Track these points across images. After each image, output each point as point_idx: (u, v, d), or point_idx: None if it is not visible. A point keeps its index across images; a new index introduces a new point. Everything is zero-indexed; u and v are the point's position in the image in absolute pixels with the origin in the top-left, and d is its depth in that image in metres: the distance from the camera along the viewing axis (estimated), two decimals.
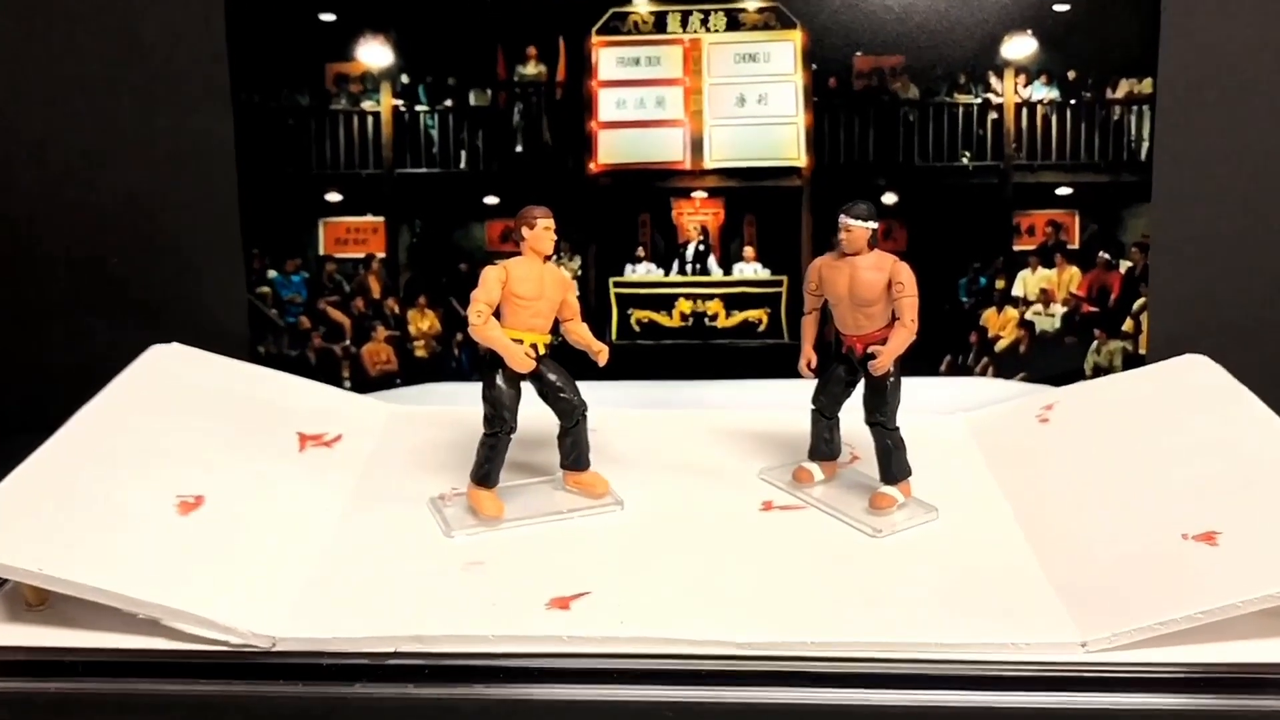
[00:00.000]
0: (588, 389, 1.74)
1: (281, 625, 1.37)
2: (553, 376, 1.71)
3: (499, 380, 1.66)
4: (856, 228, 1.65)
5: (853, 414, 1.76)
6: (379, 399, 2.36)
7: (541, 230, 1.71)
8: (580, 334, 1.81)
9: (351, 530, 1.68)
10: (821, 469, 1.90)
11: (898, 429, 1.77)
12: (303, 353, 2.53)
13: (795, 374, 1.80)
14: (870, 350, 1.70)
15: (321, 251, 2.52)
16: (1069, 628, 1.36)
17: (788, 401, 2.05)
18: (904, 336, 1.68)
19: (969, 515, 1.72)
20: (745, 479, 1.88)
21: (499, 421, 1.70)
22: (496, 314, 1.63)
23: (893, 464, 1.78)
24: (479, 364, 1.68)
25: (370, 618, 1.39)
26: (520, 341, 1.65)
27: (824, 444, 1.89)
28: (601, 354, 1.80)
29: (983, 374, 2.47)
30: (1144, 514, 1.57)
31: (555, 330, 1.71)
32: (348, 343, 2.53)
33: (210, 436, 1.82)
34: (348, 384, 2.51)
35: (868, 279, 1.64)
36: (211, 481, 1.67)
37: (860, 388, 1.73)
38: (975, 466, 2.00)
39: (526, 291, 1.68)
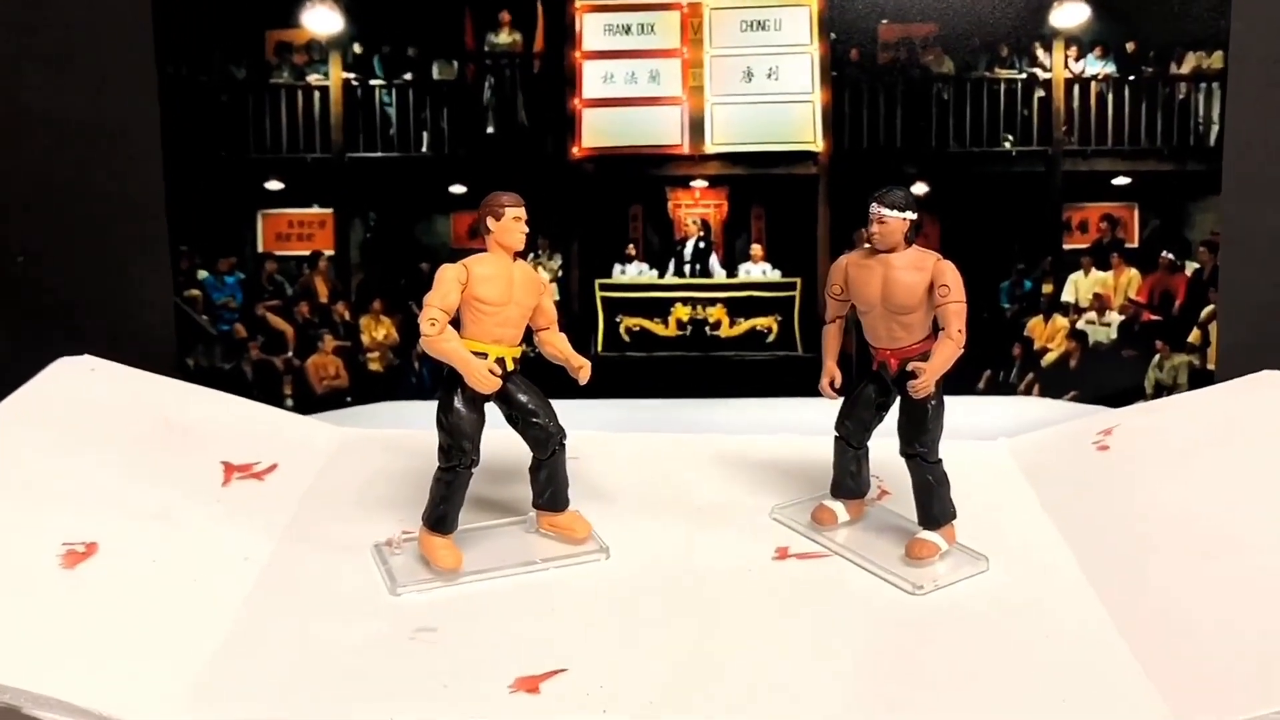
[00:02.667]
0: (567, 410, 1.65)
1: (179, 714, 1.24)
2: (523, 398, 1.60)
3: (457, 402, 1.54)
4: (892, 219, 1.53)
5: (881, 440, 1.69)
6: (325, 421, 2.25)
7: (510, 221, 1.55)
8: (558, 346, 1.67)
9: (275, 586, 1.56)
10: (846, 508, 1.77)
11: (940, 462, 1.63)
12: (238, 366, 2.42)
13: (814, 393, 1.71)
14: (910, 368, 1.56)
15: (260, 248, 2.42)
16: (1161, 713, 1.24)
17: (804, 425, 2.04)
18: (949, 351, 1.53)
19: (1025, 566, 1.62)
20: (755, 519, 1.79)
21: (457, 453, 1.55)
22: (455, 322, 1.52)
23: (934, 504, 1.63)
24: (441, 381, 1.55)
25: (291, 703, 1.27)
26: (484, 355, 1.52)
27: (849, 478, 1.75)
28: (583, 370, 1.65)
29: (1027, 392, 2.38)
30: (1232, 565, 1.48)
31: (528, 341, 1.61)
32: (290, 354, 2.43)
33: (113, 469, 1.72)
34: (290, 403, 2.40)
35: (905, 281, 1.53)
36: (108, 526, 1.56)
37: (894, 412, 1.63)
38: (1025, 504, 1.89)
39: (492, 295, 1.53)
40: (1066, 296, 2.34)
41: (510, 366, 1.58)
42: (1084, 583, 1.57)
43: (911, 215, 1.55)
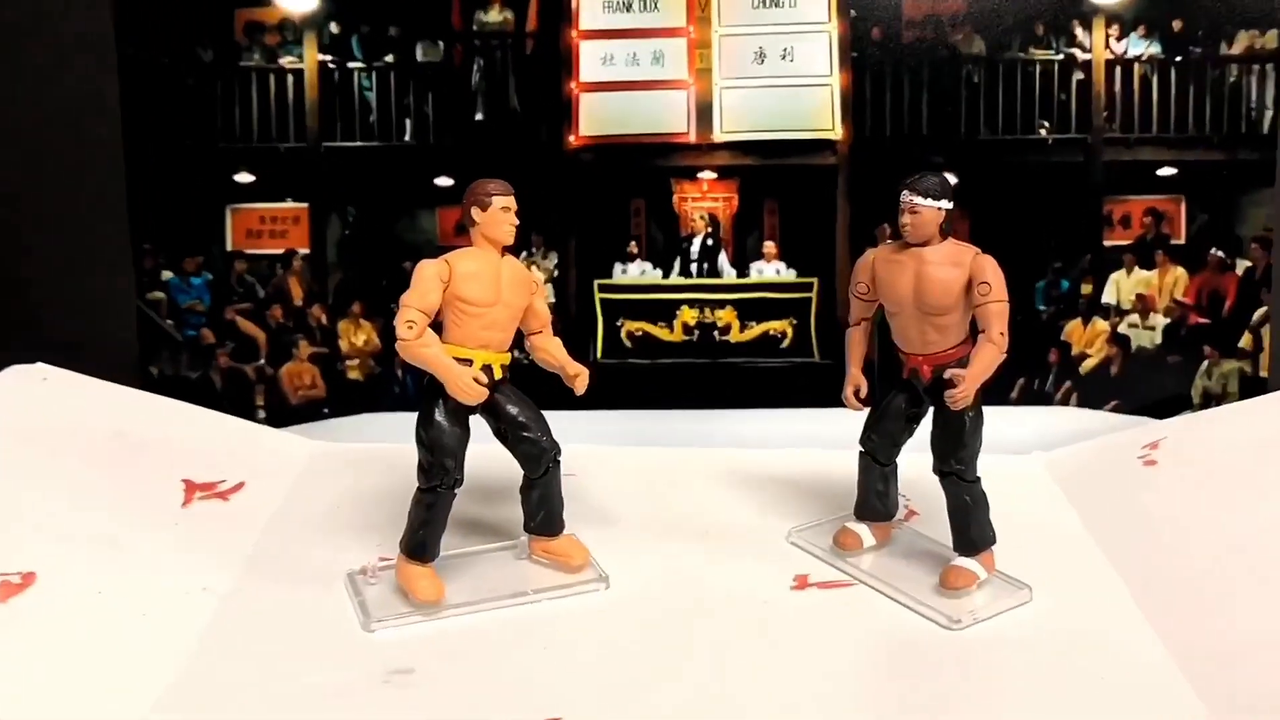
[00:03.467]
0: (563, 422, 1.59)
1: None
2: (513, 410, 1.53)
3: (438, 415, 1.47)
4: (925, 208, 1.46)
5: (909, 455, 1.66)
6: (299, 434, 2.21)
7: (498, 212, 1.48)
8: (551, 351, 1.60)
9: (235, 621, 1.50)
10: (872, 531, 1.70)
11: (978, 480, 1.56)
12: (205, 375, 2.37)
13: (833, 402, 1.67)
14: (948, 375, 1.49)
15: (229, 246, 2.38)
16: None
17: (824, 438, 2.02)
18: (991, 356, 1.47)
19: (1071, 595, 1.57)
20: (770, 544, 1.74)
21: (438, 472, 1.48)
22: (437, 325, 1.46)
23: (972, 527, 1.56)
24: (422, 391, 1.51)
25: None
26: (468, 362, 1.46)
27: (876, 498, 1.69)
28: (579, 378, 1.58)
29: (1064, 402, 2.33)
30: None
31: (519, 347, 1.56)
32: (262, 362, 2.38)
33: (59, 490, 1.67)
34: (261, 415, 2.36)
35: (940, 278, 1.47)
36: (49, 553, 1.50)
37: (926, 424, 1.58)
38: (1067, 525, 1.84)
39: (477, 294, 1.46)
40: (1107, 298, 2.30)
41: (498, 375, 1.52)
42: (1138, 614, 1.52)
43: (947, 204, 1.49)
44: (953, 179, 2.21)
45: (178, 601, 1.53)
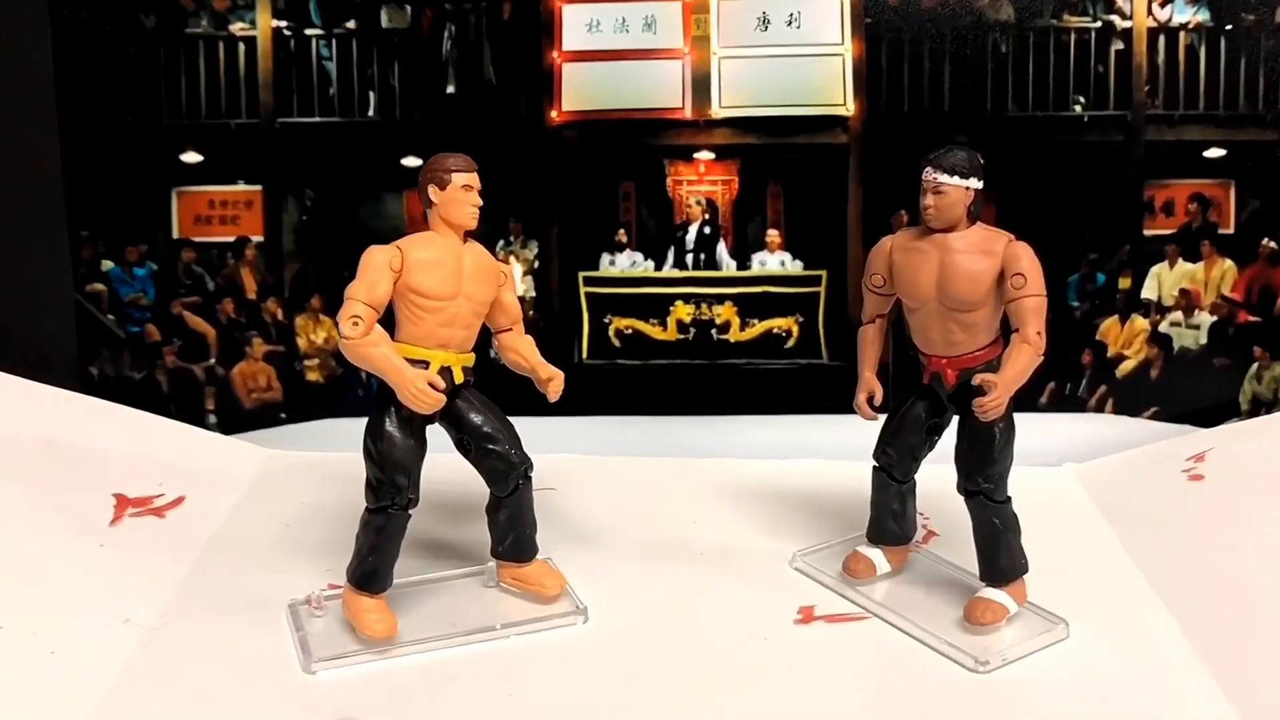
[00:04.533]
0: (541, 429, 1.56)
1: None
2: (476, 419, 1.46)
3: (389, 425, 1.40)
4: (951, 187, 1.40)
5: (927, 466, 1.61)
6: (253, 441, 2.16)
7: (458, 192, 1.41)
8: (522, 352, 1.53)
9: (158, 659, 1.44)
10: (887, 556, 1.63)
11: (1009, 501, 1.49)
12: (150, 375, 2.32)
13: (845, 409, 1.60)
14: (977, 381, 1.41)
15: (176, 234, 2.35)
16: None
17: (832, 448, 1.98)
18: (1027, 359, 1.39)
19: (1114, 631, 1.51)
20: (772, 569, 1.69)
21: (389, 491, 1.40)
22: (388, 322, 1.39)
23: (1001, 555, 1.49)
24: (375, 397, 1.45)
25: None
26: (425, 365, 1.39)
27: (892, 520, 1.62)
28: (553, 383, 1.51)
29: (1099, 409, 2.29)
30: None
31: (486, 346, 1.49)
32: (212, 362, 2.34)
33: None
34: (212, 420, 2.32)
35: (969, 268, 1.40)
36: None
37: (949, 436, 1.53)
38: (1105, 547, 1.78)
39: (433, 285, 1.39)
40: (1147, 293, 2.27)
41: (459, 378, 1.44)
42: (1189, 652, 1.46)
43: (976, 182, 1.42)
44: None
45: (93, 637, 1.45)
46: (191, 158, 2.27)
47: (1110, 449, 2.10)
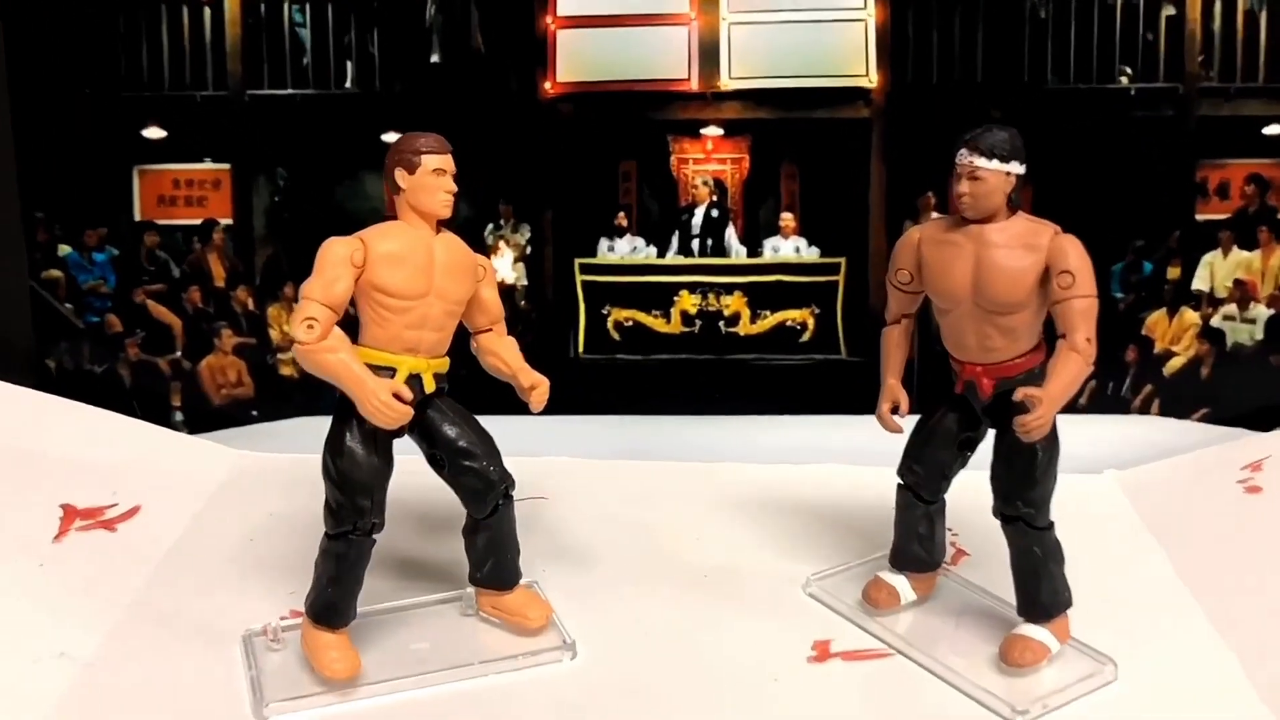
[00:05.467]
0: (535, 430, 1.53)
1: None
2: (451, 432, 1.37)
3: (349, 440, 1.31)
4: (990, 172, 1.32)
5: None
6: (221, 441, 2.10)
7: (428, 176, 1.31)
8: (502, 355, 1.43)
9: (90, 701, 1.36)
10: (912, 584, 1.54)
11: (1051, 527, 1.41)
12: (112, 368, 2.28)
13: (865, 408, 1.54)
14: (1019, 396, 1.32)
15: (138, 216, 2.32)
16: None
17: (851, 451, 1.93)
18: (1075, 370, 1.31)
19: (1168, 672, 1.43)
20: (784, 595, 1.60)
21: (349, 514, 1.32)
22: (349, 324, 1.30)
23: (1042, 588, 1.41)
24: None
25: None
26: (391, 372, 1.31)
27: (918, 544, 1.53)
28: (536, 392, 1.42)
29: (1143, 410, 2.26)
30: None
31: (464, 349, 1.42)
32: (179, 354, 2.30)
33: None
34: (179, 417, 2.27)
35: (1008, 265, 1.33)
36: None
37: (983, 451, 1.44)
38: (1152, 567, 1.70)
39: (401, 283, 1.30)
40: (1199, 284, 2.24)
41: (430, 387, 1.35)
42: (1253, 697, 1.37)
43: (1018, 167, 1.34)
44: None
45: (22, 673, 1.37)
46: (154, 133, 2.25)
47: (1156, 455, 2.06)
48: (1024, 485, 1.37)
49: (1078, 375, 1.29)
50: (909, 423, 1.56)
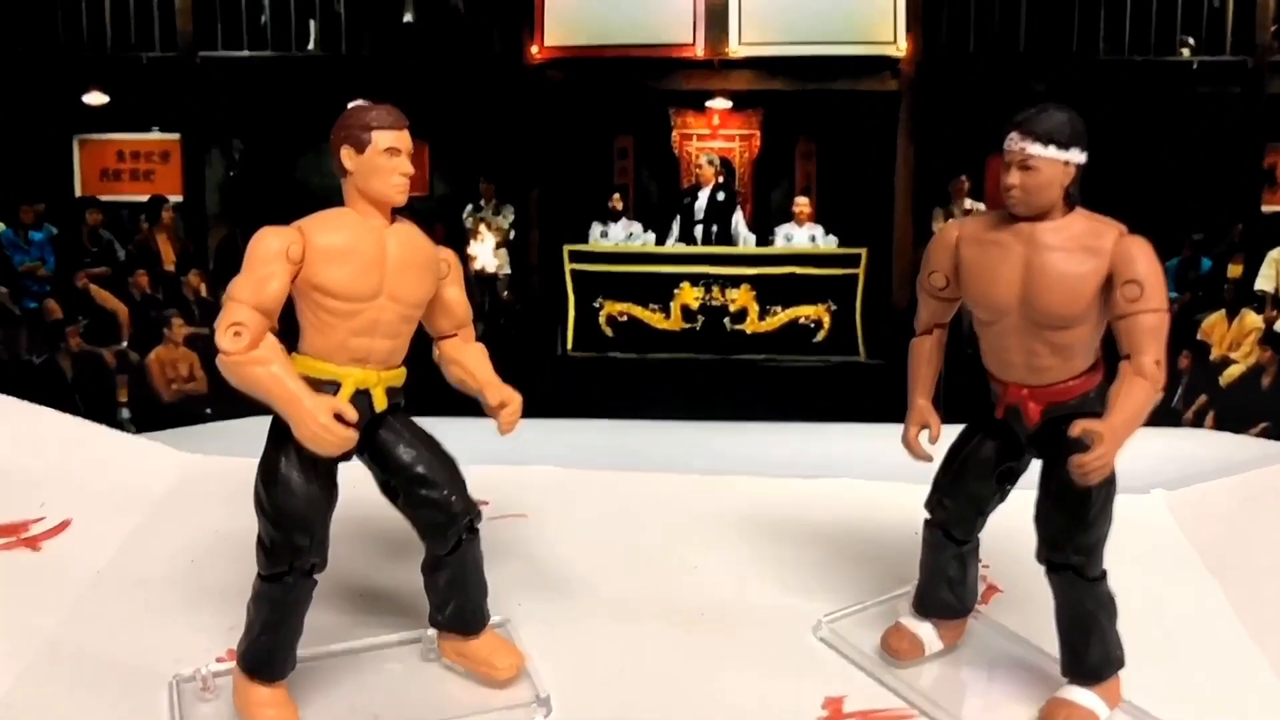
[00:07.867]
0: (513, 435, 1.38)
1: None
2: (405, 456, 1.27)
3: (284, 467, 1.20)
4: (1045, 160, 1.21)
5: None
6: (168, 442, 2.04)
7: (379, 156, 1.20)
8: (468, 366, 1.34)
9: None
10: (940, 633, 1.45)
11: (1104, 577, 1.31)
12: (52, 359, 2.17)
13: (888, 416, 1.51)
14: (1077, 432, 1.20)
15: (79, 191, 2.28)
16: None
17: (869, 464, 1.90)
18: (1143, 398, 1.20)
19: None
20: (792, 638, 1.51)
21: (285, 553, 1.22)
22: (286, 332, 1.21)
23: (1091, 646, 1.31)
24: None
25: None
26: (334, 387, 1.20)
27: (947, 589, 1.43)
28: (506, 411, 1.32)
29: (1197, 423, 2.16)
30: None
31: (425, 358, 1.33)
32: (125, 345, 2.20)
33: None
34: (125, 414, 2.18)
35: (1065, 271, 1.22)
36: None
37: (1026, 488, 1.35)
38: (1206, 602, 1.62)
39: (345, 282, 1.19)
40: (1262, 283, 2.13)
41: (381, 404, 1.24)
42: None
43: (1079, 155, 1.23)
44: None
45: None
46: (96, 99, 2.21)
47: (1209, 473, 2.01)
48: (1075, 530, 1.27)
49: (1144, 405, 1.19)
50: (940, 449, 1.44)
